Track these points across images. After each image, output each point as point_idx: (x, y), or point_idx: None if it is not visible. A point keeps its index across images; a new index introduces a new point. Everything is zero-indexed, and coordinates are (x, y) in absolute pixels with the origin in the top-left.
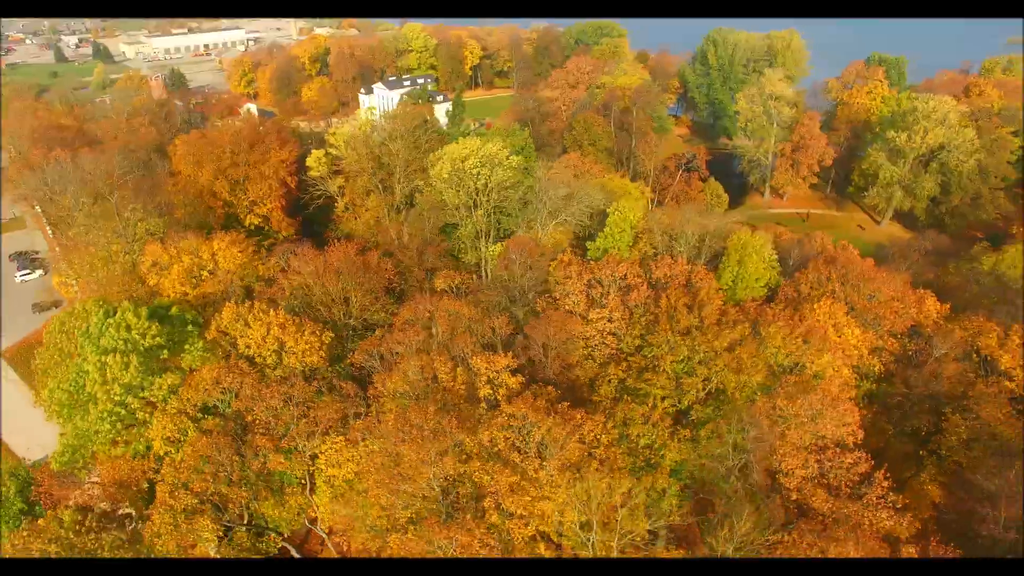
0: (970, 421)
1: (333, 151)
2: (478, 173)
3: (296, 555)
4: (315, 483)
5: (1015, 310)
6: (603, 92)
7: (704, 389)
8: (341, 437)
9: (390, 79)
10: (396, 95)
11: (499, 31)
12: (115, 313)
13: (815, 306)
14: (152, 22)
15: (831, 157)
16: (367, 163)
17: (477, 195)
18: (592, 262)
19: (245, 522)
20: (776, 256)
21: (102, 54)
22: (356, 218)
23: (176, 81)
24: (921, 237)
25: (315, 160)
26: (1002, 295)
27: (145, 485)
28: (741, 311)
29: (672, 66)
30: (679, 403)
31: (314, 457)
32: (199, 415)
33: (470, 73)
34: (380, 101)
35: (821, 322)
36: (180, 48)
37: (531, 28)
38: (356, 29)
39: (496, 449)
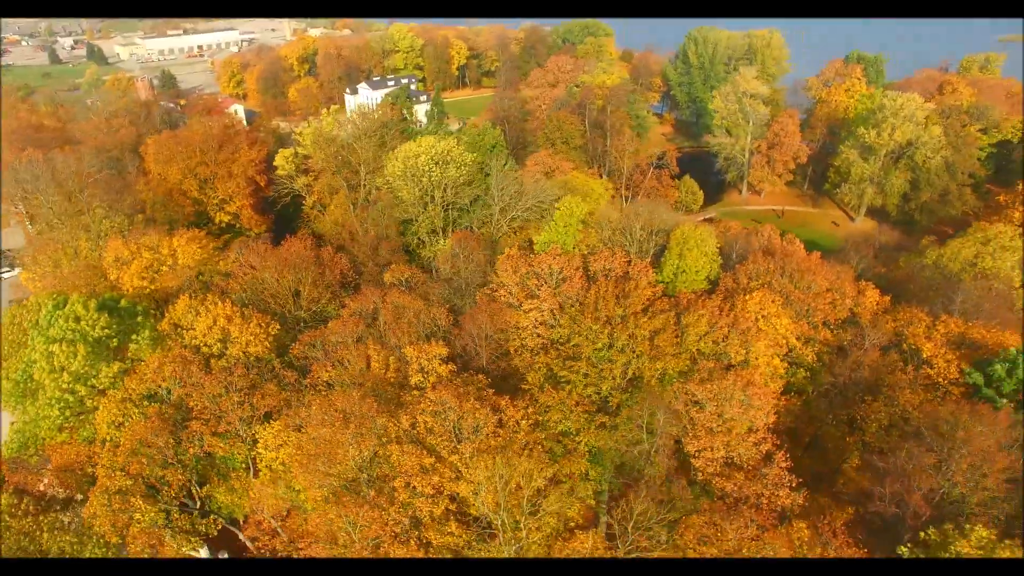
0: (889, 408)
1: (301, 150)
2: (430, 170)
3: (241, 537)
4: (258, 468)
5: (948, 301)
6: (580, 91)
7: (623, 376)
8: (280, 423)
9: (374, 79)
10: (380, 95)
11: (487, 31)
12: (65, 305)
13: (746, 297)
14: (149, 23)
15: (805, 154)
16: (331, 162)
17: (433, 191)
18: (532, 256)
19: (196, 506)
20: (718, 250)
21: (96, 56)
22: (324, 215)
23: (166, 82)
24: (879, 232)
25: (282, 159)
26: (941, 287)
27: (91, 470)
28: (671, 302)
29: (657, 65)
30: (599, 390)
31: (254, 442)
32: (144, 402)
33: (457, 73)
34: (365, 101)
35: (751, 312)
36: (174, 50)
37: (519, 28)
38: (350, 29)
39: (415, 432)
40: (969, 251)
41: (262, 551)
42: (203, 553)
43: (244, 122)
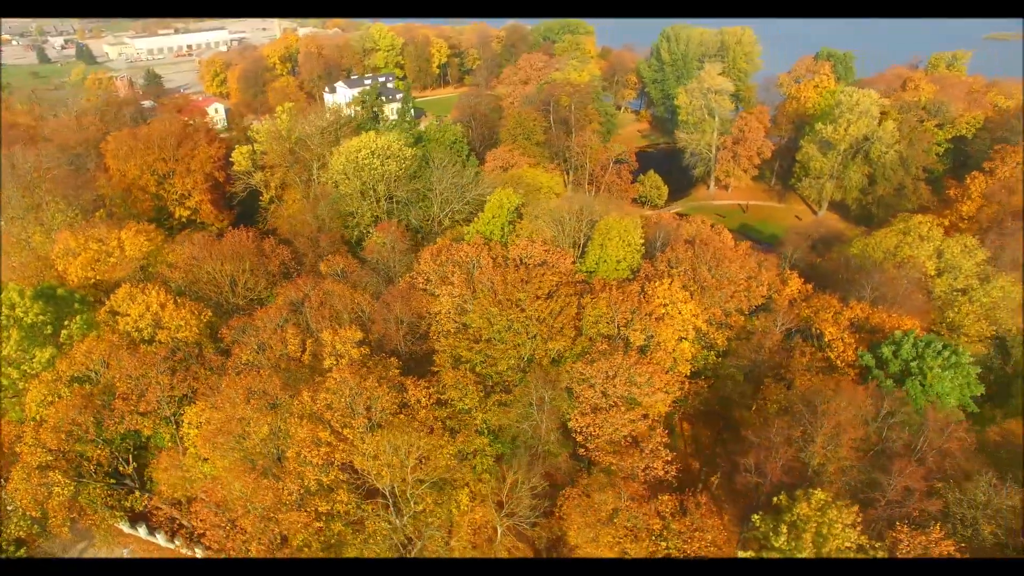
0: (784, 388)
1: (257, 147)
2: (370, 164)
3: (174, 514)
4: (186, 446)
5: (861, 288)
6: (547, 88)
7: (519, 356)
8: (203, 402)
9: (352, 78)
10: (356, 93)
11: (469, 29)
12: None
13: (656, 284)
14: (140, 23)
15: (769, 150)
16: (285, 158)
17: (375, 185)
18: (452, 245)
19: (129, 482)
20: (643, 239)
21: (84, 55)
22: (280, 209)
23: (150, 81)
24: (818, 225)
25: (239, 155)
26: (860, 275)
27: (19, 449)
28: (583, 287)
29: (633, 62)
30: (498, 370)
31: (179, 422)
32: (74, 384)
33: (437, 71)
34: (342, 99)
35: (659, 298)
36: (163, 49)
37: (503, 27)
38: (339, 28)
39: (315, 409)
40: (890, 241)
41: (180, 526)
42: (140, 532)
43: (224, 121)
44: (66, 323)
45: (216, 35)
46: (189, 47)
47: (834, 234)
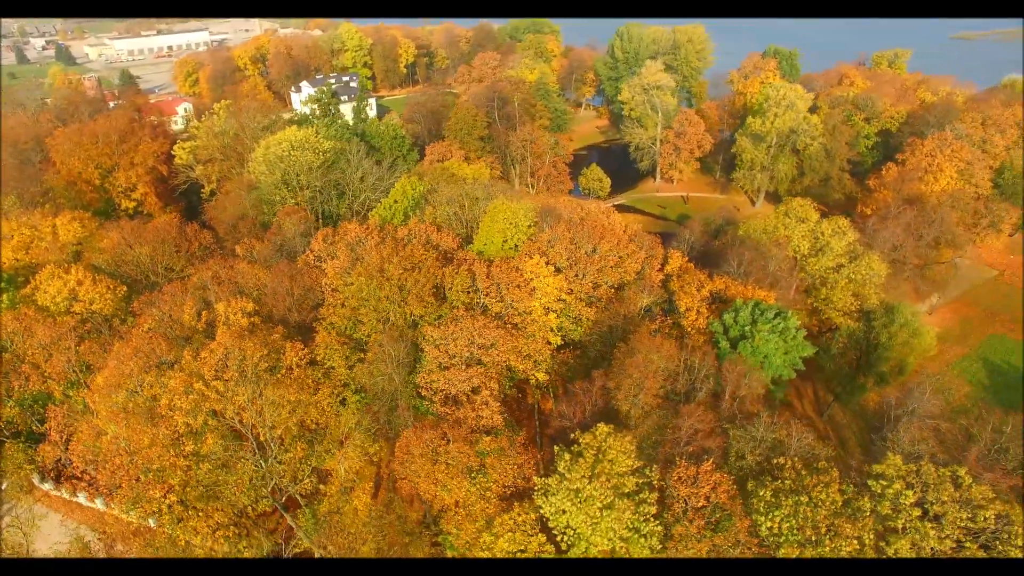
0: (630, 352)
1: (196, 142)
2: (289, 155)
3: (92, 472)
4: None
5: (732, 265)
6: (495, 85)
7: (380, 320)
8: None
9: (317, 77)
10: (313, 92)
11: (438, 30)
12: None
13: (526, 260)
14: (123, 24)
15: (710, 143)
16: (223, 152)
17: (298, 176)
18: (344, 226)
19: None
20: (534, 222)
21: (64, 56)
22: (217, 200)
23: (125, 81)
24: (722, 211)
25: (180, 149)
26: (731, 252)
27: None
28: (456, 262)
29: (591, 60)
30: (361, 332)
31: (87, 386)
32: None
33: (405, 71)
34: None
35: (527, 272)
36: (144, 50)
37: (471, 27)
38: (320, 29)
39: (194, 367)
40: (770, 223)
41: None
42: (46, 486)
43: (194, 119)
44: None
45: (196, 36)
46: (170, 48)
47: (739, 219)
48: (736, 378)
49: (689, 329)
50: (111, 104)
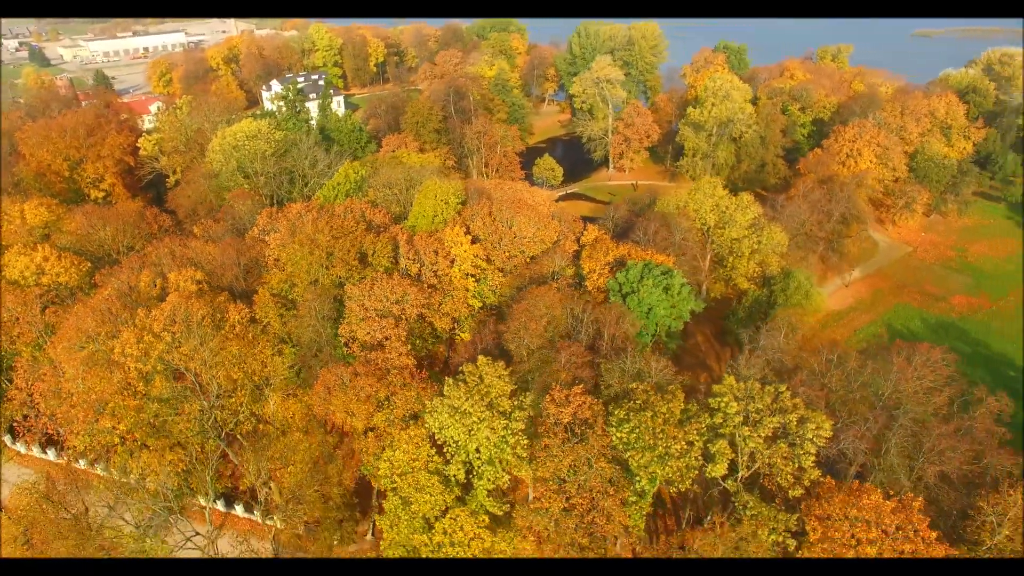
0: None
1: (160, 135)
2: (243, 144)
3: (51, 424)
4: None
5: (638, 235)
6: (461, 82)
7: (310, 280)
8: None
9: (286, 76)
10: (279, 89)
11: (408, 29)
12: None
13: (446, 230)
14: (97, 26)
15: (657, 133)
16: (182, 144)
17: (254, 163)
18: (287, 205)
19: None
20: (463, 199)
21: (37, 57)
22: (181, 188)
23: (99, 82)
24: (649, 191)
25: (146, 142)
26: (640, 223)
27: None
28: (379, 233)
29: (552, 57)
30: (291, 293)
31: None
32: None
33: (375, 70)
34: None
35: (448, 242)
36: (119, 51)
37: (439, 26)
38: (296, 30)
39: (148, 323)
40: (681, 198)
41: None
42: (19, 447)
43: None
44: None
45: (174, 38)
46: (146, 50)
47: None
48: (612, 321)
49: (591, 288)
50: (84, 104)
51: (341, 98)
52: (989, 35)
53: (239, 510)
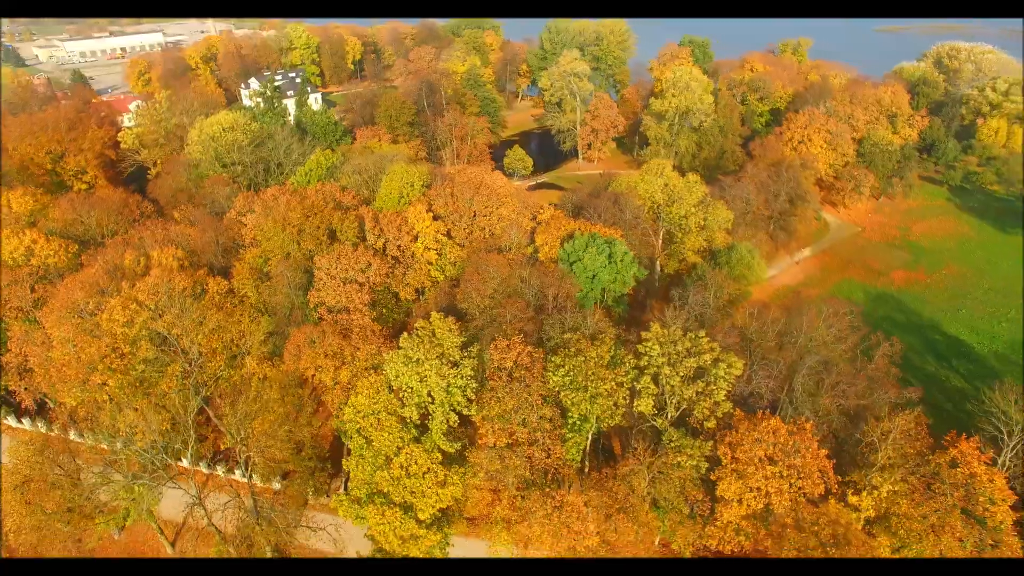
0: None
1: (140, 128)
2: (222, 135)
3: (41, 395)
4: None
5: (589, 213)
6: (434, 77)
7: (284, 255)
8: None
9: (265, 74)
10: (257, 87)
11: (384, 28)
12: None
13: (410, 209)
14: (73, 26)
15: (623, 124)
16: (161, 137)
17: (232, 153)
18: (263, 190)
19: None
20: (425, 182)
21: (12, 57)
22: (161, 179)
23: (77, 81)
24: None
25: (125, 135)
26: (593, 202)
27: None
28: (342, 211)
29: (524, 53)
30: (266, 267)
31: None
32: None
33: (352, 67)
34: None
35: (411, 218)
36: (96, 52)
37: (415, 24)
38: (275, 30)
39: (133, 294)
40: (633, 179)
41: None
42: (10, 420)
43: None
44: None
45: (151, 38)
46: (123, 50)
47: None
48: (555, 283)
49: (543, 259)
50: (62, 102)
51: (319, 95)
52: (947, 31)
53: (220, 471)
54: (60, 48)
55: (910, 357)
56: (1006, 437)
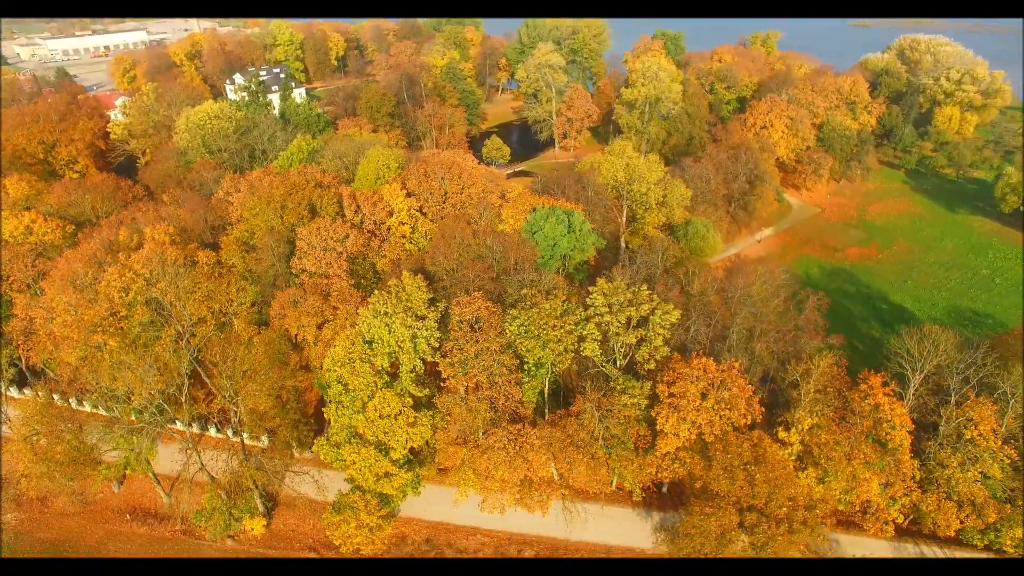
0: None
1: (128, 119)
2: (208, 123)
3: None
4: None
5: (554, 190)
6: (414, 71)
7: (267, 229)
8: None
9: (249, 70)
10: (241, 82)
11: (367, 25)
12: None
13: (385, 187)
14: (55, 25)
15: (597, 113)
16: (150, 128)
17: (218, 140)
18: (248, 172)
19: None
20: (400, 164)
21: None
22: (150, 167)
23: (61, 78)
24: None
25: (115, 126)
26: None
27: None
28: (322, 189)
29: (503, 48)
30: (252, 240)
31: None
32: None
33: (336, 64)
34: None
35: (387, 196)
36: (79, 50)
37: (398, 21)
38: (259, 28)
39: (129, 264)
40: (596, 159)
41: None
42: (12, 391)
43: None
44: None
45: (135, 36)
46: (106, 48)
47: None
48: (515, 247)
49: (509, 231)
50: (50, 98)
51: (303, 90)
52: (915, 25)
53: (212, 431)
54: (42, 46)
55: (857, 325)
56: (910, 373)
